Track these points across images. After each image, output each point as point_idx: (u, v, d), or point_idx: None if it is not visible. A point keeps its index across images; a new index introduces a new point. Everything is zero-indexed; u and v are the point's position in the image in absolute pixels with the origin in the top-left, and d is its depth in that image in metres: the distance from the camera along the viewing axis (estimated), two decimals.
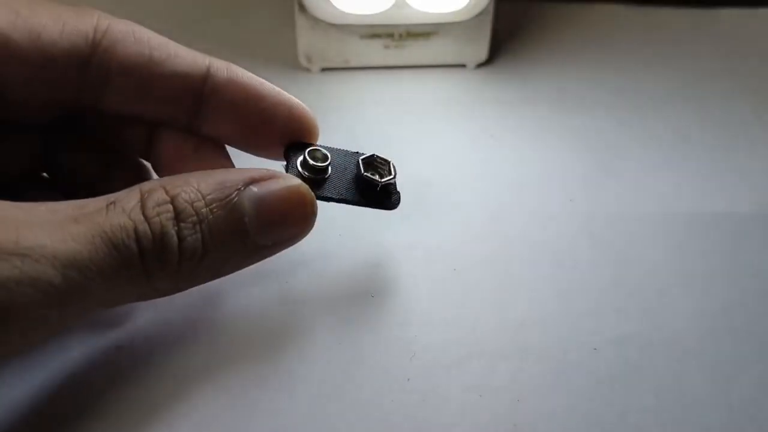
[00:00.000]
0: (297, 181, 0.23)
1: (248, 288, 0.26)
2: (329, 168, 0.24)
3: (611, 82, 0.37)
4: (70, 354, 0.24)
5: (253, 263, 0.23)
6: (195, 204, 0.21)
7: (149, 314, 0.25)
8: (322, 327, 0.25)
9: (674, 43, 0.40)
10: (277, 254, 0.23)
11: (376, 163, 0.25)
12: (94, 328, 0.25)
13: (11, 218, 0.18)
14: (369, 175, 0.25)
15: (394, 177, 0.25)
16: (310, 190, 0.23)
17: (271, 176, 0.22)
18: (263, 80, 0.24)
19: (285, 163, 0.25)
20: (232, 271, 0.23)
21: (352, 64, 0.37)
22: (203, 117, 0.24)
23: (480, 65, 0.38)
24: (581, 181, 0.31)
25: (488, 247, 0.28)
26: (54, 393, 0.23)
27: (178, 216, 0.20)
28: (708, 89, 0.37)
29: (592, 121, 0.35)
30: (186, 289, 0.22)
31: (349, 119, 0.35)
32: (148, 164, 0.27)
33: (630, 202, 0.31)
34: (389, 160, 0.25)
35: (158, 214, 0.20)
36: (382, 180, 0.25)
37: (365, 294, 0.26)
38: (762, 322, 0.26)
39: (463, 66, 0.38)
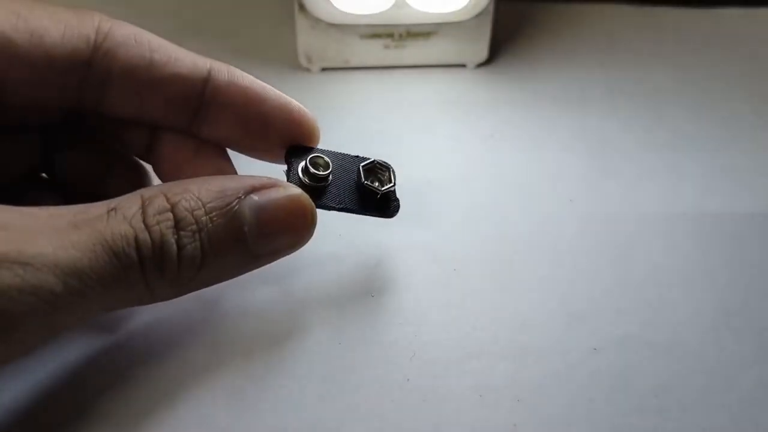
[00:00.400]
0: (297, 190, 0.23)
1: (248, 288, 0.26)
2: (330, 175, 0.24)
3: (611, 82, 0.37)
4: (70, 354, 0.24)
5: (251, 270, 0.23)
6: (195, 212, 0.21)
7: (149, 314, 0.25)
8: (322, 327, 0.25)
9: (674, 43, 0.40)
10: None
11: (376, 169, 0.25)
12: (94, 328, 0.25)
13: (14, 225, 0.19)
14: (369, 183, 0.25)
15: (394, 185, 0.25)
16: (310, 200, 0.23)
17: (271, 185, 0.23)
18: (264, 83, 0.24)
19: (286, 167, 0.24)
20: (231, 278, 0.23)
21: (352, 64, 0.37)
22: (204, 120, 0.24)
23: (480, 65, 0.38)
24: (581, 181, 0.31)
25: (488, 247, 0.28)
26: (54, 393, 0.23)
27: (177, 224, 0.21)
28: (708, 89, 0.37)
29: (593, 121, 0.35)
30: (185, 294, 0.22)
31: (349, 119, 0.35)
32: (148, 166, 0.27)
33: (630, 202, 0.31)
34: (389, 166, 0.25)
35: (158, 222, 0.20)
36: (382, 189, 0.25)
37: (365, 294, 0.26)
38: (762, 322, 0.26)
39: (463, 66, 0.38)
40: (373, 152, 0.26)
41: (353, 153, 0.25)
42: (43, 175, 0.26)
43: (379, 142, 0.33)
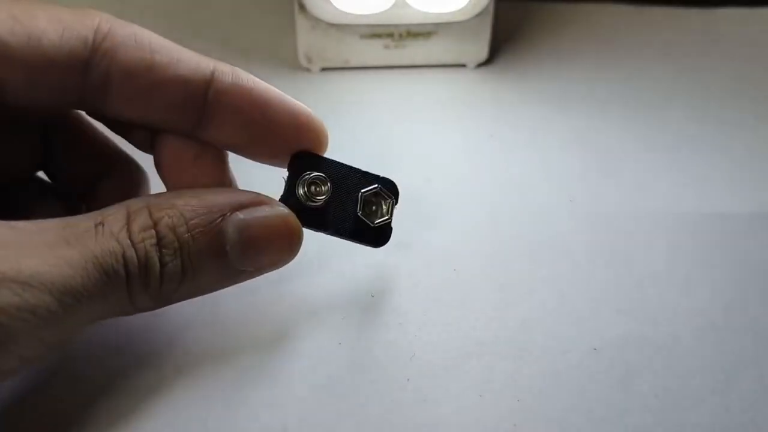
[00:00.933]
0: (285, 210, 0.23)
1: (248, 288, 0.26)
2: (327, 199, 0.24)
3: (611, 82, 0.37)
4: (69, 354, 0.24)
5: (235, 284, 0.23)
6: (177, 230, 0.21)
7: (148, 314, 0.25)
8: (322, 327, 0.25)
9: (674, 43, 0.40)
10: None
11: (380, 193, 0.25)
12: (94, 328, 0.25)
13: (8, 242, 0.19)
14: (362, 216, 0.24)
15: (390, 218, 0.25)
16: (296, 220, 0.23)
17: (259, 202, 0.22)
18: (269, 86, 0.24)
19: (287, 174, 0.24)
20: (214, 291, 0.23)
21: (352, 64, 0.37)
22: (207, 123, 0.23)
23: (480, 65, 0.38)
24: (581, 181, 0.31)
25: (488, 247, 0.28)
26: (53, 392, 0.23)
27: (160, 242, 0.21)
28: (708, 89, 0.37)
29: (592, 121, 0.35)
30: (166, 306, 0.22)
31: (349, 119, 0.35)
32: (147, 163, 0.26)
33: (630, 202, 0.31)
34: (392, 194, 0.25)
35: (143, 240, 0.21)
36: (376, 222, 0.24)
37: (365, 294, 0.26)
38: (762, 322, 0.26)
39: (463, 66, 0.38)
40: (372, 152, 0.26)
41: (355, 153, 0.25)
42: (42, 175, 0.26)
43: (379, 142, 0.33)
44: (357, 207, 0.24)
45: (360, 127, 0.34)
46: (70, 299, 0.19)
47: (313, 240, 0.24)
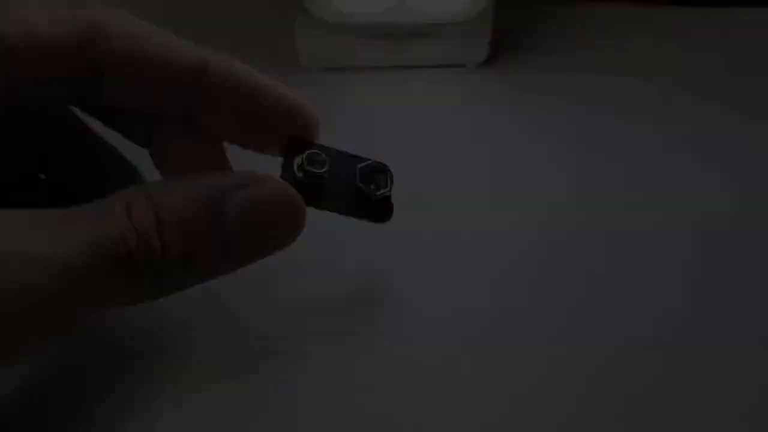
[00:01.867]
0: (285, 186, 0.23)
1: (247, 288, 0.26)
2: (326, 173, 0.24)
3: (611, 82, 0.37)
4: (68, 353, 0.24)
5: (239, 268, 0.23)
6: (177, 212, 0.21)
7: (148, 315, 0.25)
8: (322, 327, 0.25)
9: (674, 43, 0.40)
10: (276, 254, 0.23)
11: (374, 172, 0.25)
12: (94, 328, 0.25)
13: (10, 227, 0.19)
14: (364, 186, 0.24)
15: (389, 190, 0.25)
16: (299, 197, 0.23)
17: (259, 181, 0.22)
18: (263, 75, 0.24)
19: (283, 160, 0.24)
20: (218, 276, 0.23)
21: (353, 64, 0.37)
22: (201, 112, 0.24)
23: (480, 65, 0.38)
24: (581, 181, 0.31)
25: (488, 247, 0.28)
26: (52, 393, 0.23)
27: (159, 224, 0.21)
28: (708, 89, 0.37)
29: (593, 121, 0.35)
30: (172, 293, 0.22)
31: (349, 119, 0.35)
32: (146, 159, 0.26)
33: (630, 203, 0.31)
34: (388, 170, 0.25)
35: (142, 222, 0.20)
36: (377, 193, 0.24)
37: (365, 294, 0.26)
38: (762, 322, 0.26)
39: (463, 66, 0.38)
40: (372, 152, 0.26)
41: (353, 153, 0.25)
42: (40, 176, 0.26)
43: (379, 142, 0.33)
44: (356, 180, 0.24)
45: (359, 127, 0.34)
46: (67, 281, 0.19)
47: (313, 239, 0.24)
